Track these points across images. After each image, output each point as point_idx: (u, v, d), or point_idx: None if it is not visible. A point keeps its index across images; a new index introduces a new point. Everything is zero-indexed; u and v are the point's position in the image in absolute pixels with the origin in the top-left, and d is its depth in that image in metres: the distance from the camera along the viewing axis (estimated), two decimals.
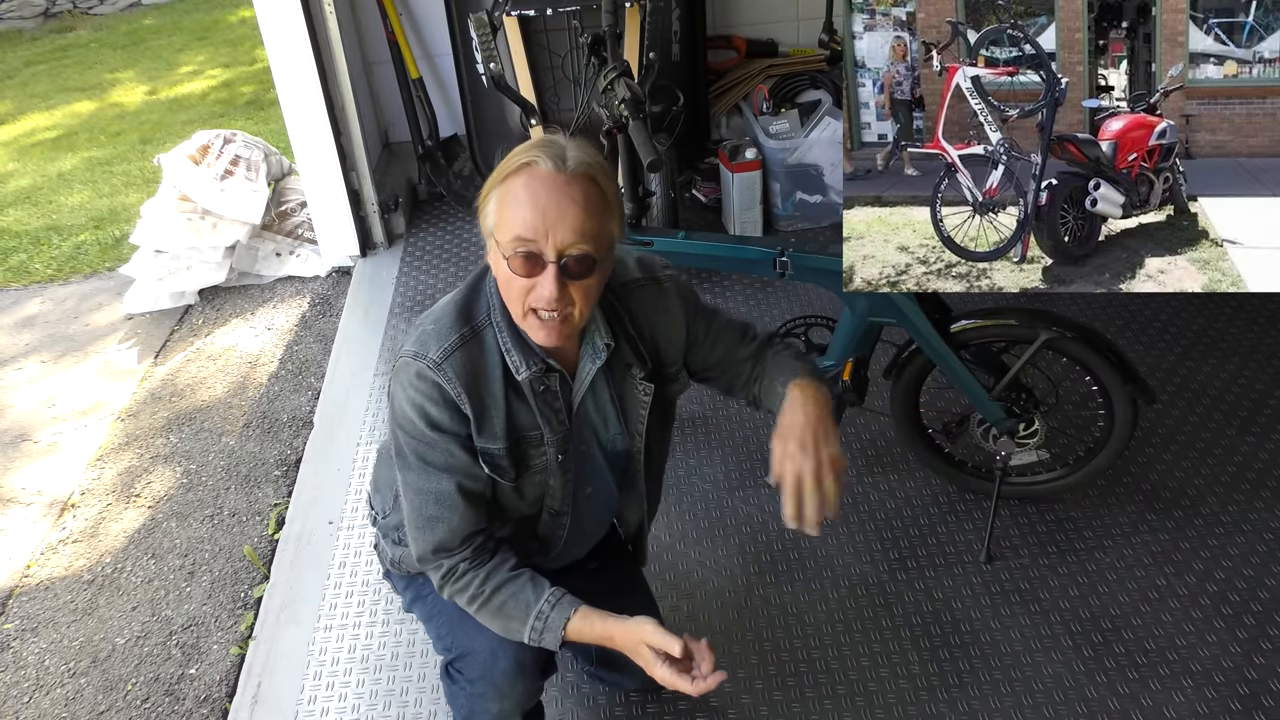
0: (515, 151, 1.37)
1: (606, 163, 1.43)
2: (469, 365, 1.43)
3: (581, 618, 1.46)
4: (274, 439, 2.94)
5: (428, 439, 1.44)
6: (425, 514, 1.47)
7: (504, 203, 1.35)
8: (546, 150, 1.34)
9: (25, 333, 3.69)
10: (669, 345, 1.61)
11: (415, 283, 3.47)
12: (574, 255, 1.34)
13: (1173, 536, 2.26)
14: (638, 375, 1.57)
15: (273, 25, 3.23)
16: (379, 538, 1.80)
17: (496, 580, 1.48)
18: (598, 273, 1.38)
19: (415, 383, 1.42)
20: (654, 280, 1.59)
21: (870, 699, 1.95)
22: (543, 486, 1.57)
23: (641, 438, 1.63)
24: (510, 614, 1.48)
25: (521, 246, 1.33)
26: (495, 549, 1.52)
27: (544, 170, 1.33)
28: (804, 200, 3.52)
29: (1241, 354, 2.81)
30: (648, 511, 1.77)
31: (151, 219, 3.65)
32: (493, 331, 1.46)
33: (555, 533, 1.64)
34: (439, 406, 1.42)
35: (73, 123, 6.03)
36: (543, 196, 1.32)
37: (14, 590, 2.53)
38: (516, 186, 1.34)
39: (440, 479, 1.46)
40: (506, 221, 1.34)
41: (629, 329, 1.55)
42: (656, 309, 1.58)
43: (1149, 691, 1.92)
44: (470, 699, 1.63)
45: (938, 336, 2.12)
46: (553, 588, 1.49)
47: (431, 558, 1.50)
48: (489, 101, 3.45)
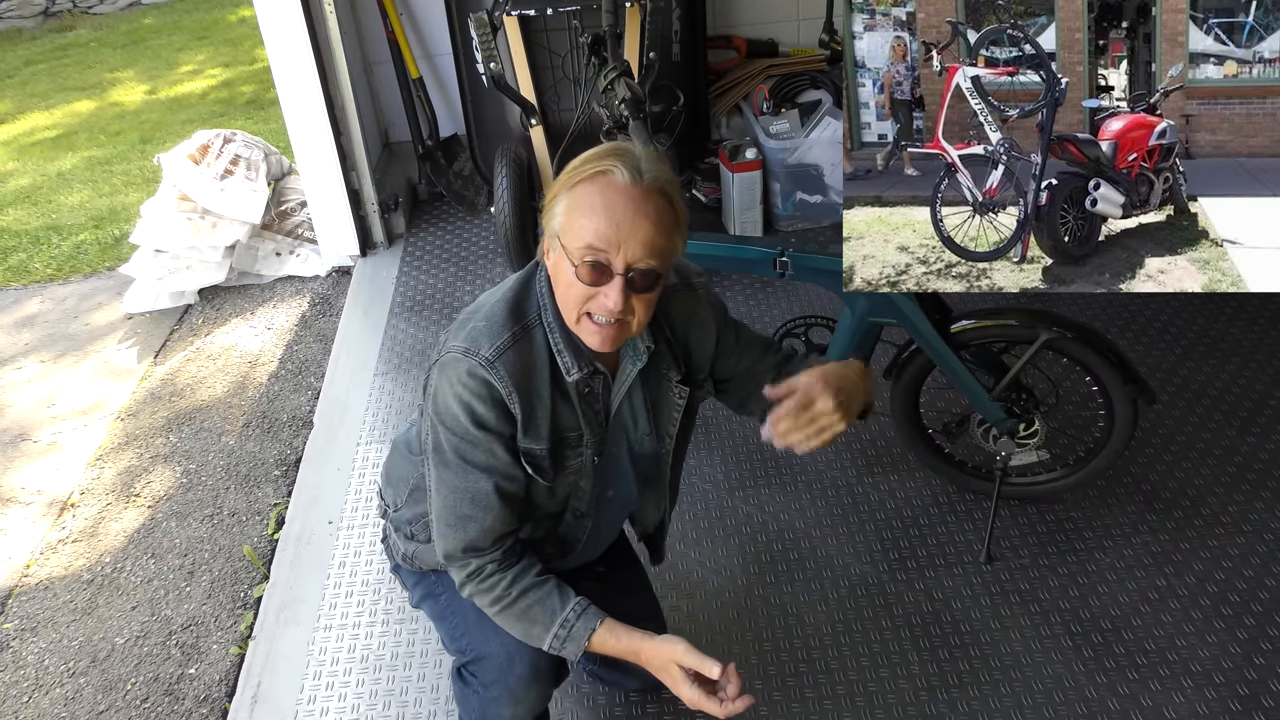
0: (588, 156, 1.36)
1: (677, 177, 1.42)
2: (520, 364, 1.42)
3: (607, 630, 1.44)
4: (274, 439, 2.94)
5: (471, 437, 1.43)
6: (459, 512, 1.46)
7: (576, 208, 1.33)
8: (623, 159, 1.33)
9: (25, 332, 3.69)
10: (699, 351, 1.62)
11: (415, 282, 3.47)
12: (641, 270, 1.33)
13: (1173, 537, 2.26)
14: (674, 379, 1.58)
15: (273, 25, 3.23)
16: (389, 531, 1.78)
17: (523, 584, 1.47)
18: (660, 287, 1.39)
19: (465, 380, 1.40)
20: (688, 286, 1.59)
21: (870, 699, 1.95)
22: (573, 487, 1.56)
23: (672, 440, 1.64)
24: (534, 619, 1.46)
25: (590, 255, 1.32)
26: (523, 552, 1.51)
27: (620, 181, 1.32)
28: (804, 200, 3.52)
29: (1242, 354, 2.81)
30: (668, 511, 1.77)
31: (151, 218, 3.65)
32: (543, 331, 1.45)
33: (576, 534, 1.64)
34: (487, 405, 1.41)
35: (73, 122, 6.03)
36: (618, 208, 1.31)
37: (13, 590, 2.53)
38: (591, 193, 1.32)
39: (479, 478, 1.44)
40: (577, 228, 1.33)
41: (666, 333, 1.56)
42: (690, 314, 1.59)
43: (1149, 692, 1.92)
44: (483, 703, 1.62)
45: (938, 337, 2.12)
46: (579, 597, 1.47)
47: (460, 556, 1.48)
48: (489, 101, 3.45)
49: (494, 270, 3.49)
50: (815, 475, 2.51)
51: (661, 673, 1.41)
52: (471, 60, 3.26)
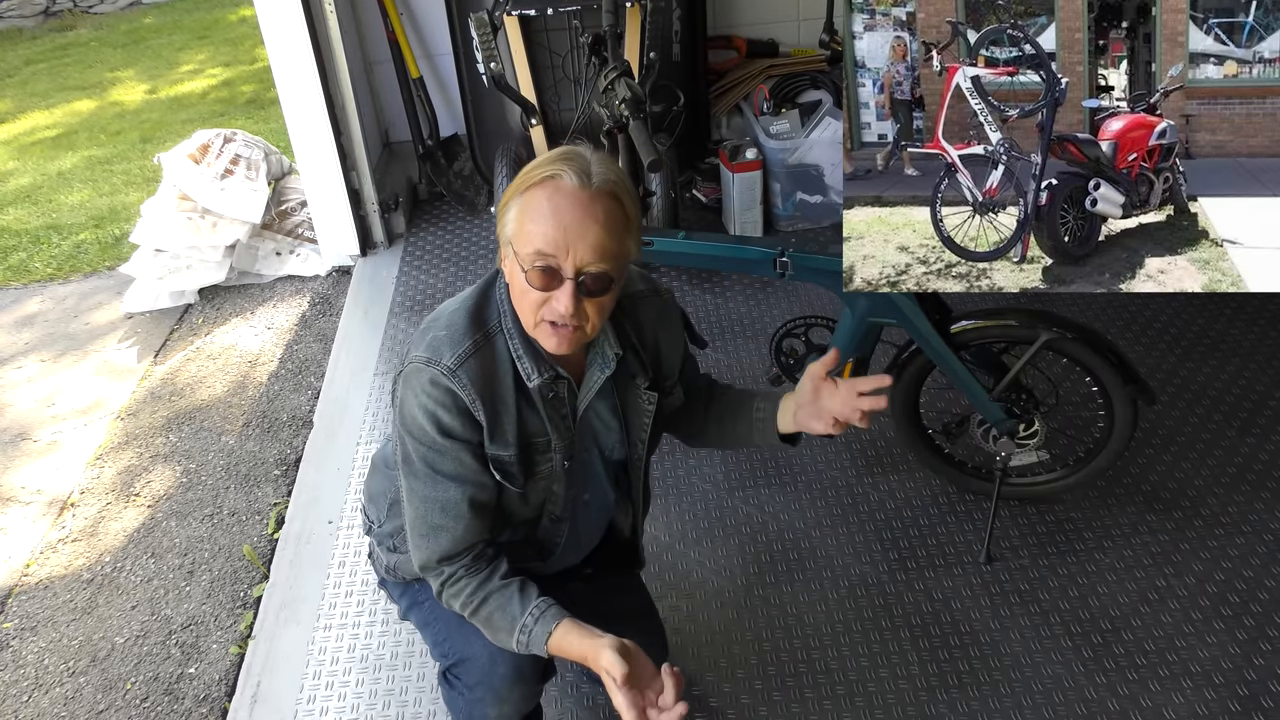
0: (539, 161, 1.36)
1: (629, 179, 1.42)
2: (482, 372, 1.42)
3: (562, 634, 1.41)
4: (274, 438, 2.94)
5: (438, 446, 1.43)
6: (430, 522, 1.46)
7: (525, 214, 1.34)
8: (572, 164, 1.33)
9: (25, 331, 3.69)
10: (669, 358, 1.63)
11: (415, 282, 3.47)
12: (592, 273, 1.34)
13: (1173, 537, 2.26)
14: (642, 385, 1.58)
15: (273, 24, 3.23)
16: (373, 546, 1.79)
17: (487, 589, 1.47)
18: (613, 290, 1.39)
19: (428, 389, 1.41)
20: (656, 293, 1.61)
21: (870, 699, 1.95)
22: (546, 492, 1.56)
23: (644, 445, 1.64)
24: (497, 625, 1.47)
25: (540, 260, 1.33)
26: (494, 557, 1.51)
27: (568, 185, 1.32)
28: (804, 200, 3.52)
29: (1242, 355, 2.80)
30: (640, 517, 1.78)
31: (151, 218, 3.65)
32: (504, 338, 1.45)
33: (554, 539, 1.64)
34: (451, 413, 1.41)
35: (73, 121, 6.03)
36: (566, 212, 1.31)
37: (13, 589, 2.53)
38: (540, 199, 1.33)
39: (448, 487, 1.45)
40: (527, 234, 1.33)
41: (633, 340, 1.56)
42: (660, 322, 1.60)
43: (1149, 692, 1.92)
44: (469, 704, 1.63)
45: (938, 337, 2.12)
46: (540, 599, 1.45)
47: (434, 565, 1.49)
48: (489, 101, 3.46)
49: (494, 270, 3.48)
50: (815, 475, 2.51)
51: (605, 678, 1.35)
52: (472, 60, 3.27)
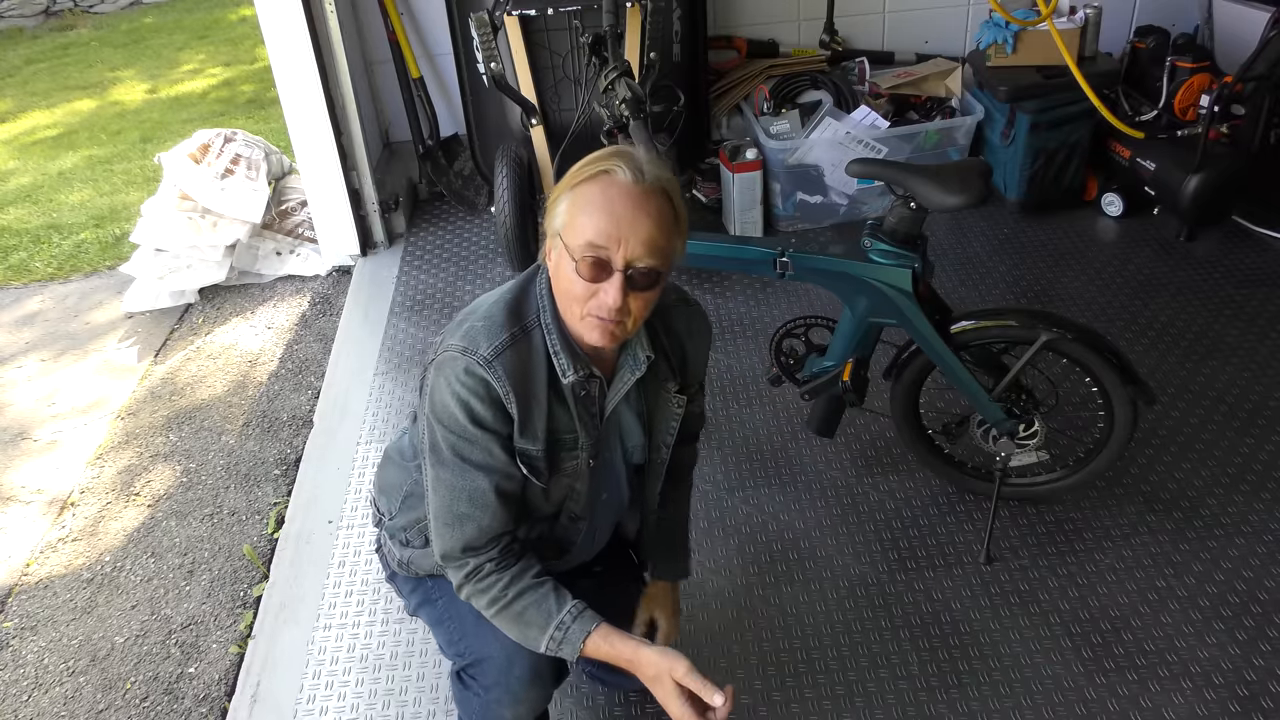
0: (592, 158, 1.38)
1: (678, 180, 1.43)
2: (518, 365, 1.43)
3: (602, 635, 1.44)
4: (274, 438, 2.94)
5: (469, 435, 1.43)
6: (456, 511, 1.46)
7: (577, 206, 1.35)
8: (625, 160, 1.35)
9: (25, 330, 3.69)
10: (694, 365, 1.65)
11: (415, 282, 3.47)
12: (641, 268, 1.35)
13: (1172, 538, 2.26)
14: (672, 390, 1.60)
15: (273, 24, 3.23)
16: (384, 540, 1.79)
17: (520, 586, 1.47)
18: (659, 287, 1.40)
19: (463, 378, 1.41)
20: (686, 303, 1.64)
21: (870, 699, 1.95)
22: (568, 490, 1.57)
23: (667, 449, 1.65)
24: (530, 621, 1.46)
25: (591, 252, 1.33)
26: (521, 552, 1.51)
27: (622, 180, 1.33)
28: (804, 200, 3.52)
29: (1241, 356, 2.81)
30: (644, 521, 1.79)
31: (152, 217, 3.65)
32: (541, 332, 1.45)
33: (571, 536, 1.64)
34: (484, 403, 1.41)
35: (73, 121, 6.03)
36: (619, 205, 1.33)
37: (13, 589, 2.53)
38: (594, 192, 1.34)
39: (476, 476, 1.44)
40: (579, 226, 1.34)
41: (664, 344, 1.58)
42: (690, 329, 1.63)
43: (1149, 692, 1.92)
44: (485, 705, 1.62)
45: (938, 337, 2.12)
46: (575, 600, 1.47)
47: (459, 556, 1.48)
48: (490, 101, 3.45)
49: (494, 270, 3.49)
50: (815, 475, 2.51)
51: (655, 683, 1.41)
52: (472, 60, 3.27)
